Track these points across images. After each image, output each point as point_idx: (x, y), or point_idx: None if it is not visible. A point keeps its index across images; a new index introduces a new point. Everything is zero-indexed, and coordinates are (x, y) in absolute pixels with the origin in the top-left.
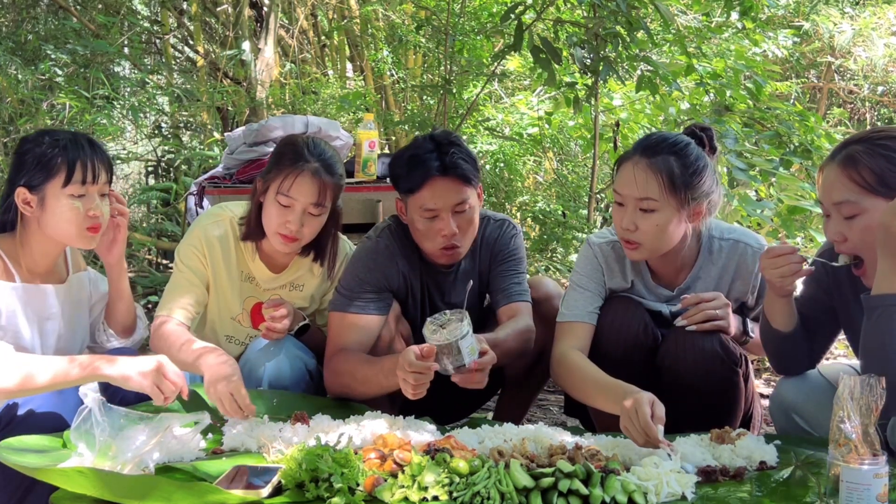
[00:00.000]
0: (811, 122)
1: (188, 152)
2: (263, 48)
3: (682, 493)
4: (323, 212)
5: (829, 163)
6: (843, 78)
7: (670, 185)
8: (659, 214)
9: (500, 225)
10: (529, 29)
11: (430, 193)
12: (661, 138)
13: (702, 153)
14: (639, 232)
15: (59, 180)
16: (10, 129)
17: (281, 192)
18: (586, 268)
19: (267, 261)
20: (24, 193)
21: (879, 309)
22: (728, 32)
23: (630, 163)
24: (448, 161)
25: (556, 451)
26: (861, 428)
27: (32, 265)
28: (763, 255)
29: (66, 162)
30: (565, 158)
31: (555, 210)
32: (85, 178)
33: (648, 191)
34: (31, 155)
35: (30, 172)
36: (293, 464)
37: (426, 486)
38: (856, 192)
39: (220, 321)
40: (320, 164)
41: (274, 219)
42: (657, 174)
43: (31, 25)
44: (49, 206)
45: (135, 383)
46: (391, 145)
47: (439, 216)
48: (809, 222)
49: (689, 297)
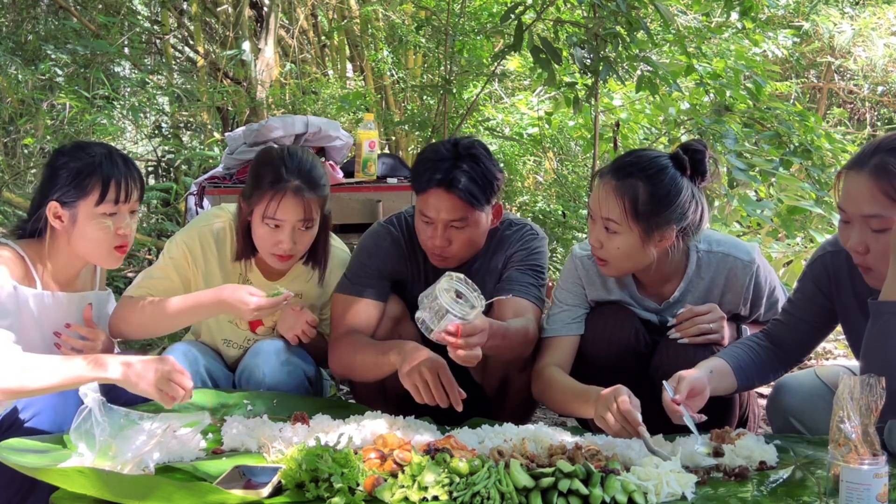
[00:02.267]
0: (811, 123)
1: (188, 152)
2: (263, 48)
3: (682, 493)
4: (312, 225)
5: (857, 170)
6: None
7: (633, 211)
8: (621, 237)
9: (521, 228)
10: (529, 29)
11: (428, 202)
12: (634, 161)
13: (677, 179)
14: (604, 250)
15: (92, 199)
16: (10, 129)
17: (267, 216)
18: (566, 281)
19: (264, 270)
20: (56, 208)
21: (885, 315)
22: (728, 32)
23: (601, 180)
24: (454, 176)
25: (556, 451)
26: (861, 428)
27: (55, 274)
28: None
29: (101, 180)
30: (565, 158)
31: (555, 210)
32: (118, 198)
33: (611, 213)
34: (65, 170)
35: (63, 188)
36: (293, 464)
37: (426, 486)
38: (887, 206)
39: (217, 325)
40: (301, 181)
41: (266, 241)
42: (621, 199)
43: (31, 25)
44: (80, 224)
45: (141, 388)
46: (391, 145)
47: (434, 225)
48: (809, 222)
49: (684, 311)
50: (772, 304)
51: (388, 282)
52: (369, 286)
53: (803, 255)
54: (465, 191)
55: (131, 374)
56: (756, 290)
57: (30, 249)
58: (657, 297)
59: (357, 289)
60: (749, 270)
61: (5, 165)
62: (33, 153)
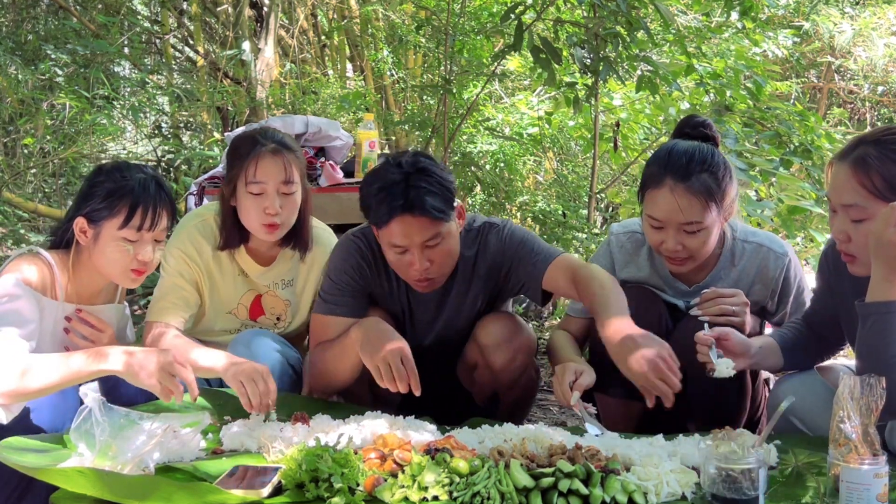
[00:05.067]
0: (811, 122)
1: (188, 152)
2: (263, 48)
3: (682, 493)
4: (294, 188)
5: (841, 161)
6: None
7: (711, 201)
8: (704, 231)
9: (491, 230)
10: (529, 29)
11: (396, 231)
12: (689, 157)
13: (722, 157)
14: (686, 249)
15: (116, 221)
16: (10, 129)
17: (249, 181)
18: (599, 259)
19: (254, 256)
20: (82, 223)
21: (873, 316)
22: (728, 32)
23: (666, 189)
24: (413, 196)
25: (556, 451)
26: (861, 428)
27: (78, 287)
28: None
29: (129, 205)
30: (565, 158)
31: (555, 210)
32: (141, 226)
33: (693, 215)
34: (100, 188)
35: (94, 205)
36: (293, 464)
37: (426, 486)
38: (865, 197)
39: (214, 317)
40: (276, 144)
41: (252, 211)
42: (697, 197)
43: (31, 25)
44: (101, 242)
45: (142, 379)
46: (391, 145)
47: (409, 251)
48: (809, 222)
49: (708, 291)
50: (799, 304)
51: (364, 297)
52: (342, 304)
53: (803, 255)
54: (431, 208)
55: (134, 363)
56: (785, 284)
57: (58, 259)
58: (688, 281)
59: (330, 307)
60: (781, 263)
61: (5, 165)
62: (33, 153)
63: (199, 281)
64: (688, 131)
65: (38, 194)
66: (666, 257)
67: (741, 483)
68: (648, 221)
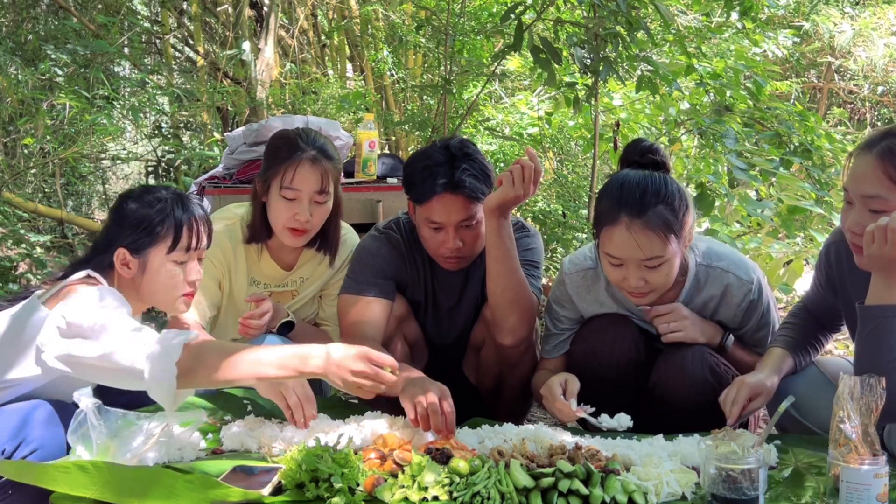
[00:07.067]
0: (811, 122)
1: (188, 152)
2: (263, 48)
3: (682, 493)
4: (327, 198)
5: (866, 152)
6: (843, 78)
7: (670, 234)
8: (666, 264)
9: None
10: (529, 29)
11: (436, 208)
12: (642, 191)
13: (676, 184)
14: (649, 284)
15: (164, 246)
16: (10, 129)
17: (284, 186)
18: (558, 298)
19: (277, 259)
20: (124, 255)
21: (873, 320)
22: (728, 32)
23: (622, 226)
24: (457, 178)
25: (556, 451)
26: (861, 428)
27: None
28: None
29: (173, 227)
30: (565, 158)
31: (555, 210)
32: (190, 245)
33: (653, 250)
34: (133, 216)
35: (132, 234)
36: (293, 464)
37: (426, 486)
38: (888, 188)
39: (227, 324)
40: (317, 152)
41: (282, 214)
42: (655, 231)
43: (31, 25)
44: (150, 272)
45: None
46: (391, 145)
47: (444, 230)
48: (809, 222)
49: (651, 310)
50: (761, 326)
51: (392, 282)
52: (374, 284)
53: (803, 254)
54: (472, 189)
55: (331, 366)
56: (749, 310)
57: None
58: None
59: (361, 287)
60: (745, 290)
61: (5, 165)
62: (33, 153)
63: (222, 279)
64: (636, 159)
65: (38, 194)
66: (628, 293)
67: (741, 483)
68: (607, 259)
